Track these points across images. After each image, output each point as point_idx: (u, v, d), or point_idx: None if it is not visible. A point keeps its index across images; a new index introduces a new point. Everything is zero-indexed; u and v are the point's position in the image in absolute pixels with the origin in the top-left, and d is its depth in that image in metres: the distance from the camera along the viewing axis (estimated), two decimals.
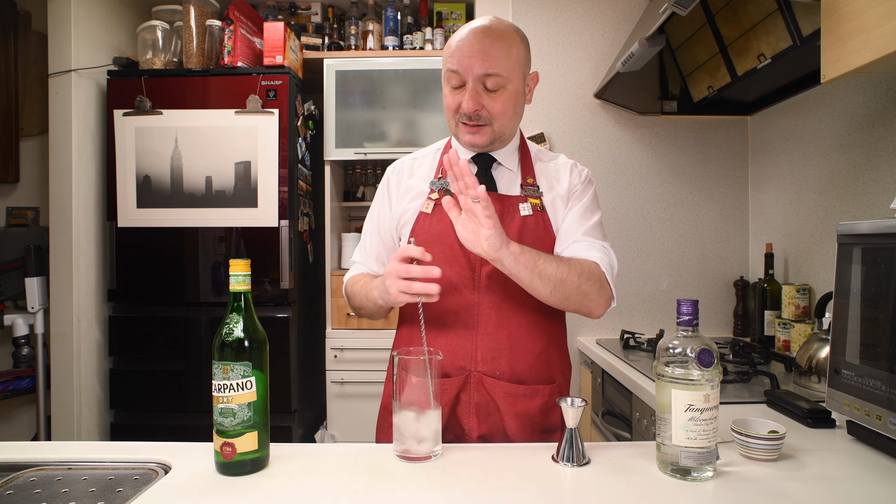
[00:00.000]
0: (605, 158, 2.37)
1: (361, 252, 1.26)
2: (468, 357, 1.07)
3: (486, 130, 1.07)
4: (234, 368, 0.84)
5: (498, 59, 1.03)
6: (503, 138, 1.11)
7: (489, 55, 1.02)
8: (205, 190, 2.28)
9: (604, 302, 1.07)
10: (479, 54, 1.02)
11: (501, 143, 1.13)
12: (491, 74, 1.03)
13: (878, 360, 0.94)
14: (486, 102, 1.05)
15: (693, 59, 2.09)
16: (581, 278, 1.02)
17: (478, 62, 1.02)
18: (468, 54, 1.03)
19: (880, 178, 1.58)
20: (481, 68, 1.02)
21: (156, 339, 2.31)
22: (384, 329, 2.42)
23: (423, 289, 0.96)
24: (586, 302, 1.05)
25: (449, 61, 1.06)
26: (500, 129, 1.08)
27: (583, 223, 1.12)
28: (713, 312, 2.34)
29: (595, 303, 1.06)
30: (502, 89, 1.05)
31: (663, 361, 0.85)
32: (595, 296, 1.05)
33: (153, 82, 2.30)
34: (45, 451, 0.97)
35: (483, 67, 1.02)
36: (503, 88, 1.05)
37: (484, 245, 0.94)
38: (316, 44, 2.60)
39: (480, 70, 1.02)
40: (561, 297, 1.02)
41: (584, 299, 1.04)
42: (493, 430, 1.07)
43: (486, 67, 1.02)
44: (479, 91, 1.04)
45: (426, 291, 0.96)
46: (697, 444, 0.82)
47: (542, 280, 0.99)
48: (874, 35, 1.07)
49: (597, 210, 1.16)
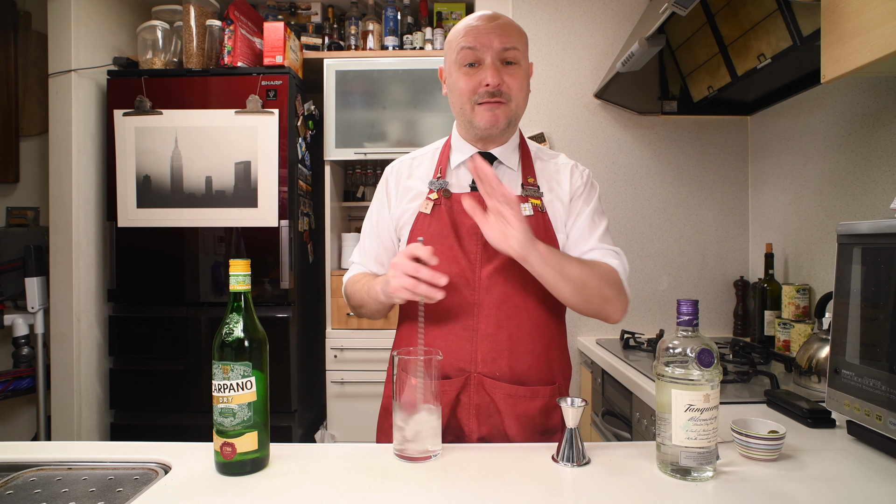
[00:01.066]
0: (605, 158, 2.37)
1: (360, 253, 1.26)
2: (468, 358, 1.07)
3: (504, 109, 1.07)
4: (234, 368, 0.84)
5: (513, 36, 1.07)
6: (516, 120, 1.12)
7: (505, 31, 1.06)
8: (205, 190, 2.28)
9: (622, 307, 1.09)
10: (497, 29, 1.05)
11: (507, 134, 1.13)
12: (509, 48, 1.05)
13: (878, 360, 0.94)
14: (506, 78, 1.06)
15: (693, 59, 2.09)
16: (602, 282, 1.04)
17: (496, 37, 1.05)
18: (485, 31, 1.05)
19: (880, 178, 1.58)
20: (500, 42, 1.05)
21: (156, 339, 2.31)
22: (384, 329, 2.42)
23: (427, 292, 0.96)
24: (606, 306, 1.07)
25: (463, 40, 1.07)
26: (517, 110, 1.10)
27: (594, 230, 1.13)
28: (713, 312, 2.34)
29: (614, 307, 1.07)
30: (517, 65, 1.08)
31: (663, 361, 0.85)
32: (615, 300, 1.07)
33: (153, 82, 2.30)
34: (45, 451, 0.97)
35: (502, 42, 1.05)
36: (518, 65, 1.08)
37: (514, 245, 0.94)
38: (316, 44, 2.60)
39: (500, 44, 1.05)
40: (582, 299, 1.03)
41: (604, 303, 1.06)
42: (493, 432, 1.07)
43: (505, 41, 1.05)
44: (498, 66, 1.06)
45: (430, 294, 0.96)
46: (697, 444, 0.82)
47: (567, 281, 1.00)
48: (874, 35, 1.07)
49: (603, 215, 1.18)
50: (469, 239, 1.09)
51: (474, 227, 1.08)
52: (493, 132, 1.10)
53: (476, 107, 1.08)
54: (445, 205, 1.11)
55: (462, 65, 1.08)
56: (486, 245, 1.08)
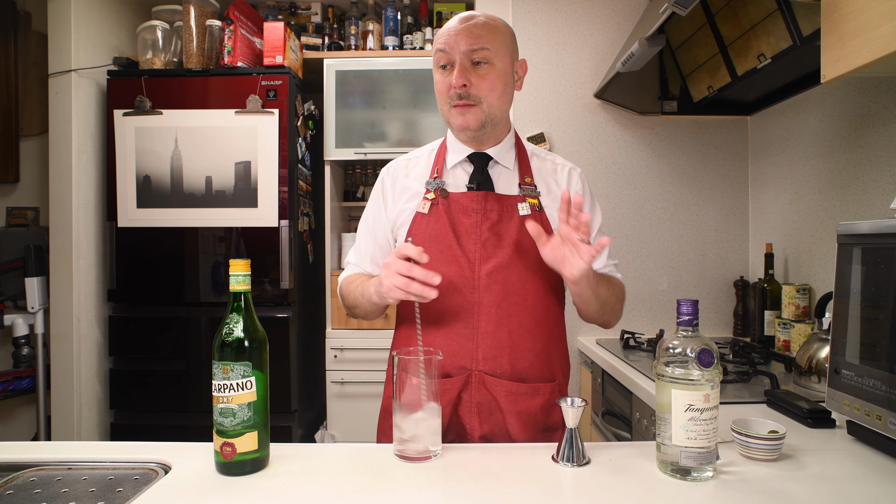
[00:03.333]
0: (605, 158, 2.37)
1: (356, 253, 1.25)
2: (469, 356, 1.07)
3: (475, 111, 1.08)
4: (234, 368, 0.84)
5: (483, 36, 1.07)
6: (494, 121, 1.11)
7: (474, 32, 1.07)
8: (205, 190, 2.28)
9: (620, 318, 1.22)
10: (465, 31, 1.07)
11: (494, 133, 1.13)
12: (477, 49, 1.06)
13: (878, 360, 0.94)
14: (473, 79, 1.06)
15: (693, 59, 2.09)
16: (617, 299, 1.17)
17: (464, 38, 1.06)
18: (454, 33, 1.07)
19: (880, 178, 1.58)
20: (467, 44, 1.06)
21: (156, 339, 2.31)
22: (384, 329, 2.42)
23: (421, 291, 0.96)
24: (613, 318, 1.19)
25: (436, 44, 1.10)
26: (490, 111, 1.09)
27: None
28: (713, 312, 2.34)
29: (616, 318, 1.20)
30: (489, 65, 1.07)
31: (663, 361, 0.85)
32: (619, 313, 1.20)
33: (153, 82, 2.30)
34: (45, 451, 0.97)
35: (468, 43, 1.06)
36: (490, 64, 1.07)
37: (575, 272, 0.98)
38: (316, 44, 2.60)
39: (466, 45, 1.06)
40: (601, 313, 1.14)
41: (612, 317, 1.18)
42: (495, 430, 1.07)
43: (472, 43, 1.06)
44: (466, 67, 1.06)
45: (423, 294, 0.96)
46: (697, 444, 0.82)
47: (598, 300, 1.09)
48: (874, 35, 1.07)
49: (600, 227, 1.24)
50: (467, 238, 1.09)
51: (472, 226, 1.09)
52: (468, 134, 1.12)
53: (451, 108, 1.09)
54: (443, 204, 1.11)
55: (437, 66, 1.11)
56: (485, 243, 1.08)
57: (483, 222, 1.09)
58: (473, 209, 1.10)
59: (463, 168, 1.16)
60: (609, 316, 1.17)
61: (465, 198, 1.11)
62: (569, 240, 0.97)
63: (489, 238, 1.09)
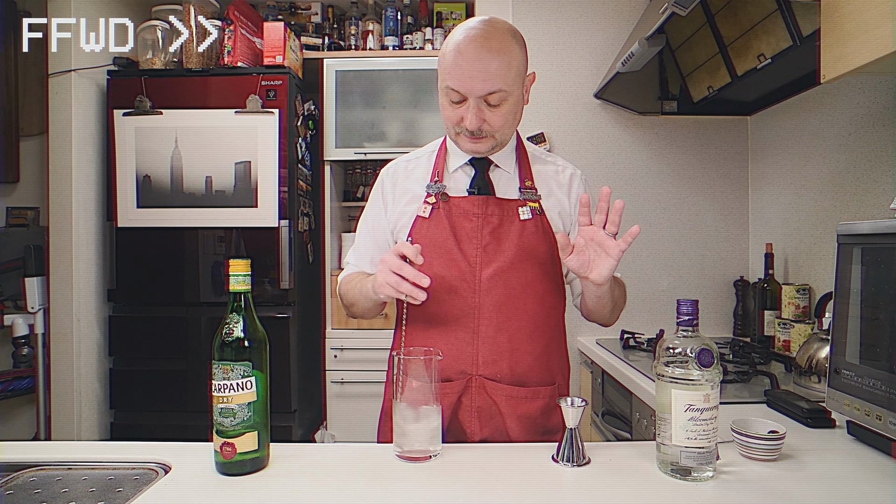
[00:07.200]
0: (605, 158, 2.37)
1: (355, 254, 1.25)
2: (469, 361, 1.07)
3: (487, 141, 1.07)
4: (234, 368, 0.84)
5: (499, 76, 0.99)
6: (501, 144, 1.11)
7: (489, 73, 0.98)
8: (205, 190, 2.28)
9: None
10: (481, 74, 0.98)
11: (500, 147, 1.13)
12: (494, 92, 1.00)
13: (878, 360, 0.94)
14: (488, 117, 1.03)
15: (693, 59, 2.09)
16: (624, 298, 1.19)
17: (479, 83, 0.99)
18: (469, 74, 0.99)
19: (880, 178, 1.58)
20: (483, 88, 0.99)
21: (156, 339, 2.31)
22: (384, 329, 2.42)
23: (410, 291, 0.95)
24: (617, 316, 1.20)
25: (448, 78, 1.02)
26: (502, 138, 1.09)
27: None
28: (713, 312, 2.34)
29: (619, 316, 1.21)
30: (504, 102, 1.03)
31: (663, 361, 0.85)
32: (621, 312, 1.21)
33: (153, 82, 2.30)
34: (45, 451, 0.97)
35: (485, 88, 0.99)
36: (505, 101, 1.03)
37: (604, 272, 0.98)
38: (316, 44, 2.60)
39: (482, 90, 1.00)
40: (612, 313, 1.15)
41: (618, 314, 1.20)
42: (494, 434, 1.07)
43: (489, 87, 0.99)
44: (481, 108, 1.02)
45: (412, 293, 0.95)
46: (697, 444, 0.82)
47: (612, 300, 1.10)
48: (874, 35, 1.07)
49: None
50: (468, 242, 1.09)
51: (473, 230, 1.09)
52: (476, 157, 1.12)
53: (460, 135, 1.07)
54: (444, 208, 1.11)
55: (446, 97, 1.05)
56: (486, 248, 1.08)
57: (484, 227, 1.09)
58: (474, 213, 1.10)
59: (464, 171, 1.15)
60: (616, 314, 1.18)
61: (466, 202, 1.11)
62: (593, 240, 0.98)
63: (490, 242, 1.09)
